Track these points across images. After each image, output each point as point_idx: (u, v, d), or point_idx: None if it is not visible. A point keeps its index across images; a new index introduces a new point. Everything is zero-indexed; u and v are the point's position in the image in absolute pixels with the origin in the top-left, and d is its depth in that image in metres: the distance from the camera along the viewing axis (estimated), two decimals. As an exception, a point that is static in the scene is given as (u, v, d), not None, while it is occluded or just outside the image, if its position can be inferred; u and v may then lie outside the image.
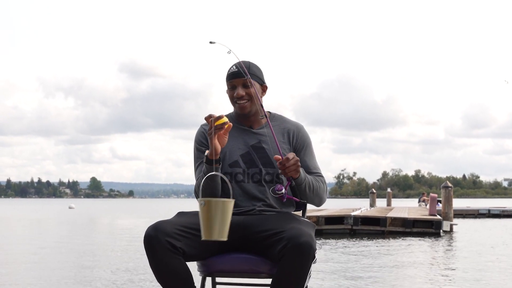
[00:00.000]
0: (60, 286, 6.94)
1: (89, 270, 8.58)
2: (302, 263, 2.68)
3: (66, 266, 9.04)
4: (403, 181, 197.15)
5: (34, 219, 29.46)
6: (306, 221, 2.94)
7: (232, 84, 3.09)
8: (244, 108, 3.08)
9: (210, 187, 2.98)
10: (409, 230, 17.54)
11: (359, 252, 11.51)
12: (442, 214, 19.11)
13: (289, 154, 2.88)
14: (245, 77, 3.05)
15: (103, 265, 9.20)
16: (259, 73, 3.13)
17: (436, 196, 21.74)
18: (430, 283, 7.31)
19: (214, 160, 2.91)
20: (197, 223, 2.87)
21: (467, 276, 7.95)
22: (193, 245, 2.83)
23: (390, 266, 9.09)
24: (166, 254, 2.75)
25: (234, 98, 3.09)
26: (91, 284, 7.07)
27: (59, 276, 7.86)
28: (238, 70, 3.07)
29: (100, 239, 15.73)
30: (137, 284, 6.99)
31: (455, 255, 11.39)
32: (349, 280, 7.43)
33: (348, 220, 17.98)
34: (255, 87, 3.08)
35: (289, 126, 3.18)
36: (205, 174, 2.96)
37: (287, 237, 2.70)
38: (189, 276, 2.81)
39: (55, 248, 12.74)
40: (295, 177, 2.93)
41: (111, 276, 7.90)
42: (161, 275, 2.79)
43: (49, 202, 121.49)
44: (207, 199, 2.47)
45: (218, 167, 2.95)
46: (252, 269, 2.88)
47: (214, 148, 2.89)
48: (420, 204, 36.73)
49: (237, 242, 2.93)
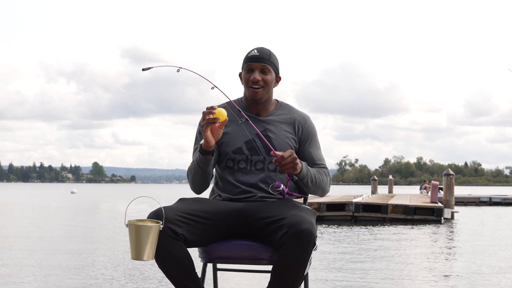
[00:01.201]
0: (58, 274, 6.97)
1: (90, 256, 8.61)
2: (302, 250, 2.69)
3: (67, 254, 9.07)
4: (405, 168, 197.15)
5: (35, 204, 29.55)
6: (307, 208, 2.95)
7: (250, 67, 3.08)
8: (256, 93, 3.07)
9: (200, 174, 3.00)
10: (410, 217, 17.58)
11: (360, 239, 11.54)
12: (444, 201, 19.13)
13: (286, 152, 2.87)
14: (264, 62, 3.05)
15: (105, 253, 9.22)
16: (277, 63, 3.13)
17: (437, 184, 21.76)
18: (430, 270, 7.34)
19: (202, 157, 2.96)
20: (198, 209, 2.89)
21: (468, 263, 7.97)
22: (195, 232, 2.84)
23: (391, 254, 9.11)
24: (168, 241, 2.76)
25: (249, 82, 3.08)
26: (93, 271, 7.10)
27: (59, 265, 7.89)
28: (259, 54, 3.07)
29: (103, 224, 15.78)
30: (140, 271, 7.01)
31: (456, 242, 11.42)
32: (349, 267, 7.46)
33: (350, 207, 18.02)
34: (272, 76, 3.08)
35: (296, 117, 3.18)
36: (197, 162, 2.98)
37: (288, 224, 2.71)
38: (191, 262, 2.82)
39: (56, 234, 12.78)
40: (295, 173, 2.93)
41: (112, 263, 7.93)
42: (163, 261, 2.80)
43: (51, 186, 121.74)
44: (133, 223, 2.66)
45: (210, 159, 2.96)
46: (253, 255, 2.90)
47: (206, 140, 2.90)
48: (422, 191, 36.76)
49: (238, 229, 2.94)
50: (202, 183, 3.06)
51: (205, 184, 3.07)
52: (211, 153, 2.96)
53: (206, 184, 3.08)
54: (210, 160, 2.97)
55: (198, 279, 2.86)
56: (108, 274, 6.72)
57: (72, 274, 6.67)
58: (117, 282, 6.14)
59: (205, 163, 2.97)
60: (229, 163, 3.10)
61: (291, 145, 3.11)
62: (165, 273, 2.84)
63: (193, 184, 3.07)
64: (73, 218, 18.47)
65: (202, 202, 2.98)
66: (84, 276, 6.53)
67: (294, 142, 3.13)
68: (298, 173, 2.94)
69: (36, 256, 8.38)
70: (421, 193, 36.02)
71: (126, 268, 7.21)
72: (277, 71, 3.12)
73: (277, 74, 3.13)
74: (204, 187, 3.09)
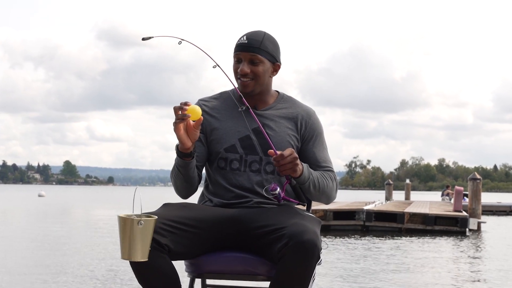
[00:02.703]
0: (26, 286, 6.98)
1: (60, 268, 8.61)
2: (305, 264, 2.70)
3: (33, 265, 9.07)
4: (425, 172, 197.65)
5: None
6: (311, 216, 2.95)
7: (238, 57, 3.08)
8: (246, 86, 3.07)
9: (181, 179, 3.02)
10: (430, 227, 17.61)
11: (372, 253, 11.57)
12: (469, 210, 19.17)
13: (286, 151, 2.86)
14: (253, 52, 3.06)
15: (77, 264, 9.23)
16: (273, 48, 3.10)
17: (462, 189, 21.79)
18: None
19: (178, 159, 2.99)
20: (185, 216, 2.90)
21: (496, 283, 7.99)
22: (181, 242, 2.85)
23: (406, 270, 9.14)
24: (150, 252, 2.76)
25: (237, 74, 3.09)
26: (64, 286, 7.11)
27: (26, 275, 7.89)
28: (248, 42, 3.06)
29: (74, 232, 15.78)
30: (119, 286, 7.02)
31: (482, 257, 11.45)
32: (358, 285, 7.48)
33: (360, 215, 18.05)
34: (264, 66, 3.08)
35: (299, 111, 3.18)
36: (176, 166, 3.00)
37: (288, 234, 2.71)
38: (176, 277, 2.82)
39: (21, 241, 12.77)
40: (294, 176, 2.93)
41: (86, 276, 7.93)
42: (143, 277, 2.80)
43: (15, 188, 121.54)
44: (127, 217, 2.65)
45: (189, 162, 2.97)
46: (248, 270, 2.90)
47: (180, 141, 2.92)
48: (444, 198, 36.79)
49: (231, 239, 2.95)
50: (186, 188, 3.08)
51: (189, 189, 3.09)
52: (190, 156, 2.97)
53: (191, 188, 3.09)
54: (189, 163, 2.97)
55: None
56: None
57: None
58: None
59: (184, 166, 2.98)
60: (221, 163, 3.11)
61: (293, 143, 3.11)
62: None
63: (177, 188, 3.10)
64: (40, 225, 18.46)
65: (190, 208, 2.98)
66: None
67: (296, 141, 3.13)
68: (298, 176, 2.94)
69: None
70: (442, 200, 36.06)
71: (102, 283, 7.21)
72: (273, 59, 3.11)
73: (273, 62, 3.13)
74: (189, 191, 3.11)
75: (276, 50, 3.11)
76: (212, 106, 3.16)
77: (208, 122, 3.12)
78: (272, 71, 3.13)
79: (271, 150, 2.87)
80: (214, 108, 3.15)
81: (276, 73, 3.15)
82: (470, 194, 19.54)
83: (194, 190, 3.11)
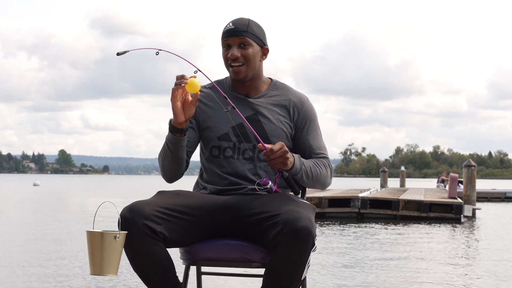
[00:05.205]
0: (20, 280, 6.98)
1: (58, 259, 8.61)
2: (299, 251, 2.71)
3: (29, 257, 9.07)
4: (420, 159, 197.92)
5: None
6: (306, 203, 2.96)
7: (226, 43, 3.08)
8: (238, 72, 3.07)
9: (169, 157, 3.00)
10: (425, 214, 17.65)
11: (367, 240, 11.59)
12: (464, 197, 19.20)
13: (276, 145, 2.86)
14: (242, 35, 3.06)
15: (73, 254, 9.23)
16: (260, 32, 3.12)
17: (457, 176, 21.82)
18: (447, 277, 7.38)
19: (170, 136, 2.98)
20: (180, 203, 2.90)
21: (490, 270, 8.02)
22: (176, 230, 2.85)
23: (401, 257, 9.16)
24: (144, 240, 2.77)
25: (228, 60, 3.09)
26: (60, 276, 7.11)
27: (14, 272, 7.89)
28: (234, 27, 3.07)
29: (69, 222, 15.77)
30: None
31: (477, 244, 11.49)
32: (353, 272, 7.50)
33: (355, 203, 18.08)
34: (254, 49, 3.08)
35: (291, 98, 3.18)
36: (166, 142, 2.99)
37: (283, 221, 2.72)
38: (171, 264, 2.83)
39: (16, 232, 12.77)
40: (285, 169, 2.94)
41: (81, 267, 7.94)
42: (138, 264, 2.81)
43: (10, 178, 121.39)
44: (98, 232, 2.64)
45: (181, 138, 2.97)
46: (243, 257, 2.91)
47: (174, 114, 2.91)
48: (439, 185, 36.91)
49: (225, 227, 2.95)
50: (172, 169, 3.05)
51: (176, 170, 3.06)
52: (181, 132, 2.96)
53: (177, 171, 3.06)
54: (180, 140, 2.96)
55: (180, 284, 2.87)
56: (75, 285, 6.73)
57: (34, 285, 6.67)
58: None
59: (175, 143, 2.96)
60: (214, 151, 3.11)
61: (286, 131, 3.12)
62: (141, 277, 2.85)
63: (163, 170, 3.07)
64: (35, 215, 18.44)
65: (185, 196, 2.98)
66: (47, 286, 6.52)
67: (289, 128, 3.14)
68: (289, 169, 2.94)
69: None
70: (437, 187, 36.17)
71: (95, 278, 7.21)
72: (261, 43, 3.11)
73: (262, 46, 3.13)
74: (175, 174, 3.08)
75: (262, 34, 3.13)
76: (205, 94, 3.16)
77: (201, 110, 3.12)
78: (262, 55, 3.14)
79: (260, 144, 2.88)
80: (208, 97, 3.15)
81: (266, 57, 3.16)
82: (465, 181, 19.56)
83: (180, 174, 3.09)
